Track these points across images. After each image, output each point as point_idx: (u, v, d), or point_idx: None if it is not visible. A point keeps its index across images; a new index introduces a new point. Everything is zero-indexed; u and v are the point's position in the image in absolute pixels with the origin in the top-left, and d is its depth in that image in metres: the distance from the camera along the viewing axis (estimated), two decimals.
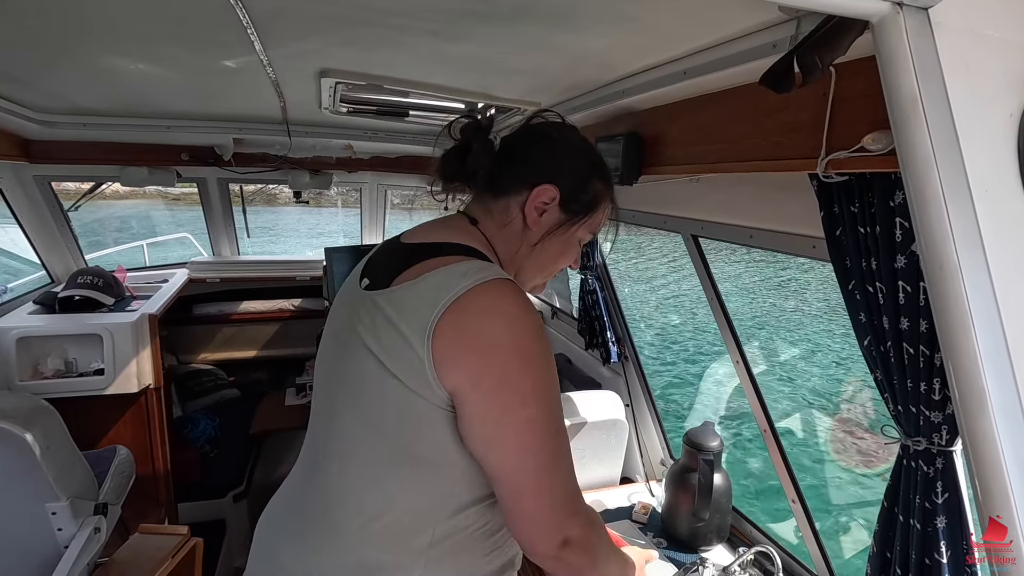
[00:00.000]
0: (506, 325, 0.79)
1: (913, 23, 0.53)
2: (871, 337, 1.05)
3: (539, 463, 0.80)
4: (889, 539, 1.08)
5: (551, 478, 0.81)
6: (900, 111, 0.54)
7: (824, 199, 1.09)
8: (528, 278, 1.02)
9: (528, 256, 0.98)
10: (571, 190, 0.95)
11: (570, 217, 0.96)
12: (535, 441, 0.79)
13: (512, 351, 0.79)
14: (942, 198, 0.50)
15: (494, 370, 0.78)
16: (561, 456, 0.83)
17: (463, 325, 0.78)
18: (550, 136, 1.00)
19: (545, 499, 0.80)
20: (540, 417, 0.79)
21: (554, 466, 0.81)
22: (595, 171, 0.99)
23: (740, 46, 1.09)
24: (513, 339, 0.79)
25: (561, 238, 0.97)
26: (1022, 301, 0.52)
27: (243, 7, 1.08)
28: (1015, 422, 0.48)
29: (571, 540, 0.81)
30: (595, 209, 0.99)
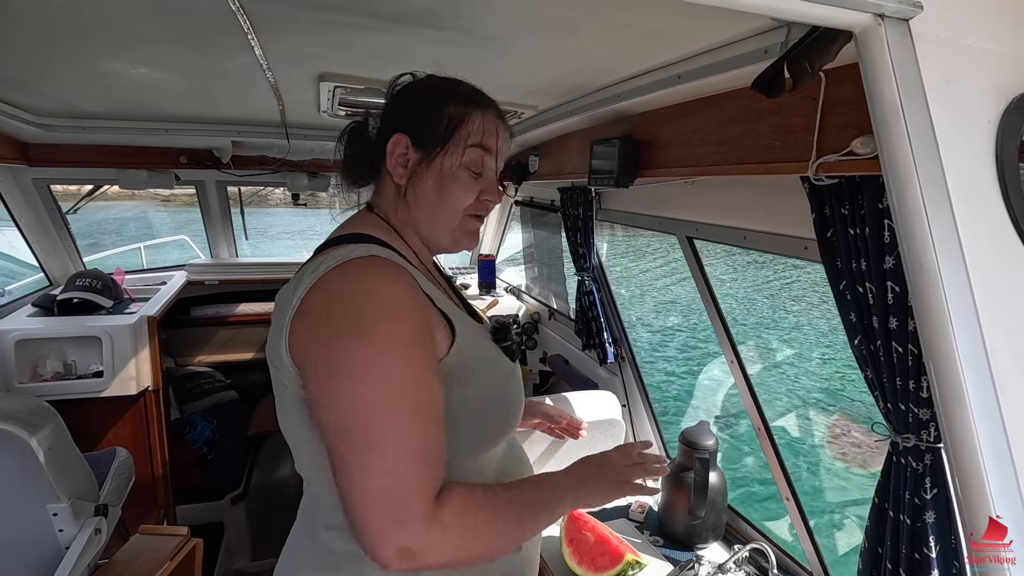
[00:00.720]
0: (339, 303, 0.76)
1: (894, 34, 0.55)
2: (861, 336, 1.07)
3: (353, 446, 0.71)
4: (880, 534, 1.11)
5: (366, 465, 0.70)
6: (882, 118, 0.56)
7: (815, 201, 1.11)
8: (430, 235, 0.97)
9: (411, 211, 0.95)
10: (418, 127, 0.93)
11: (428, 151, 0.92)
12: (350, 418, 0.72)
13: (338, 325, 0.75)
14: (922, 202, 0.52)
15: (320, 347, 0.75)
16: (384, 442, 0.71)
17: (307, 309, 0.77)
18: (397, 94, 1.01)
19: (362, 495, 0.70)
20: (359, 396, 0.72)
21: (371, 452, 0.70)
22: (443, 98, 0.95)
23: (733, 51, 1.11)
24: (341, 313, 0.75)
25: (431, 175, 0.92)
26: (1000, 302, 0.54)
27: (244, 12, 1.10)
28: (992, 418, 0.50)
29: (413, 551, 0.70)
30: (457, 132, 0.93)
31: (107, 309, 2.67)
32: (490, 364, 0.93)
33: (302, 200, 3.43)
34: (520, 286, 3.68)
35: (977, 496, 0.48)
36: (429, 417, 0.76)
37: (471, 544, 0.76)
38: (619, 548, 1.52)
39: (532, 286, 3.70)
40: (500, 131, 0.97)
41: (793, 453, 6.70)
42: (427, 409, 0.76)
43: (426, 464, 0.74)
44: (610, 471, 0.96)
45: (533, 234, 3.61)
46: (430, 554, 0.71)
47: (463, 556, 0.76)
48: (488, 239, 3.84)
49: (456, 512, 0.74)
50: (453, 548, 0.73)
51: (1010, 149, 0.58)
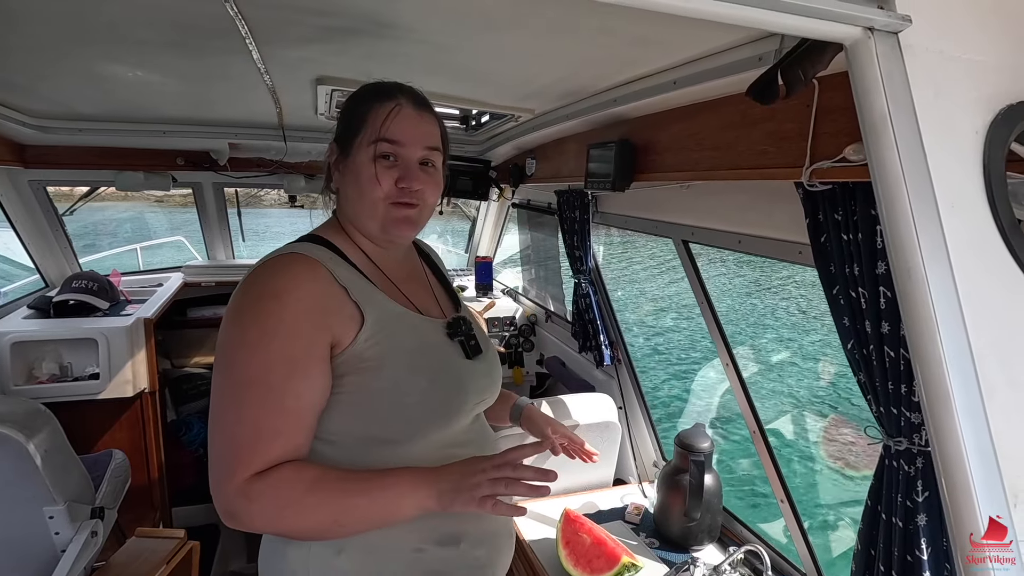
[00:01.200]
0: (239, 293, 0.88)
1: (883, 47, 0.56)
2: (854, 340, 1.08)
3: (212, 418, 0.85)
4: (873, 537, 1.11)
5: (214, 432, 0.85)
6: (871, 128, 0.57)
7: (809, 207, 1.13)
8: (361, 225, 1.02)
9: (346, 205, 1.03)
10: (340, 132, 1.03)
11: (344, 150, 1.01)
12: (213, 395, 0.85)
13: (230, 312, 0.87)
14: (909, 210, 0.53)
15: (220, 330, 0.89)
16: (228, 413, 0.84)
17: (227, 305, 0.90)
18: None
19: (209, 459, 0.84)
20: (219, 370, 0.85)
21: (217, 420, 0.84)
22: (358, 99, 1.02)
23: (727, 58, 1.13)
24: (235, 303, 0.87)
25: (347, 170, 1.00)
26: (986, 309, 0.55)
27: (242, 17, 1.11)
28: (978, 421, 0.51)
29: (231, 512, 0.82)
30: (362, 127, 0.99)
31: (103, 311, 2.66)
32: (412, 357, 0.95)
33: (299, 202, 3.43)
34: (517, 288, 3.69)
35: (963, 498, 0.49)
36: (272, 404, 0.84)
37: (277, 521, 0.84)
38: (615, 550, 1.53)
39: (529, 288, 3.71)
40: (405, 117, 0.99)
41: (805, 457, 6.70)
42: (272, 397, 0.84)
43: (255, 444, 0.82)
44: (470, 481, 0.85)
45: (530, 236, 3.62)
46: (241, 518, 0.82)
47: (271, 528, 0.88)
48: (485, 241, 3.85)
49: (265, 490, 0.82)
50: (259, 518, 0.83)
51: (997, 158, 0.59)
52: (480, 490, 0.83)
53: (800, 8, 0.55)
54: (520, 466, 0.85)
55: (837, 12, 0.55)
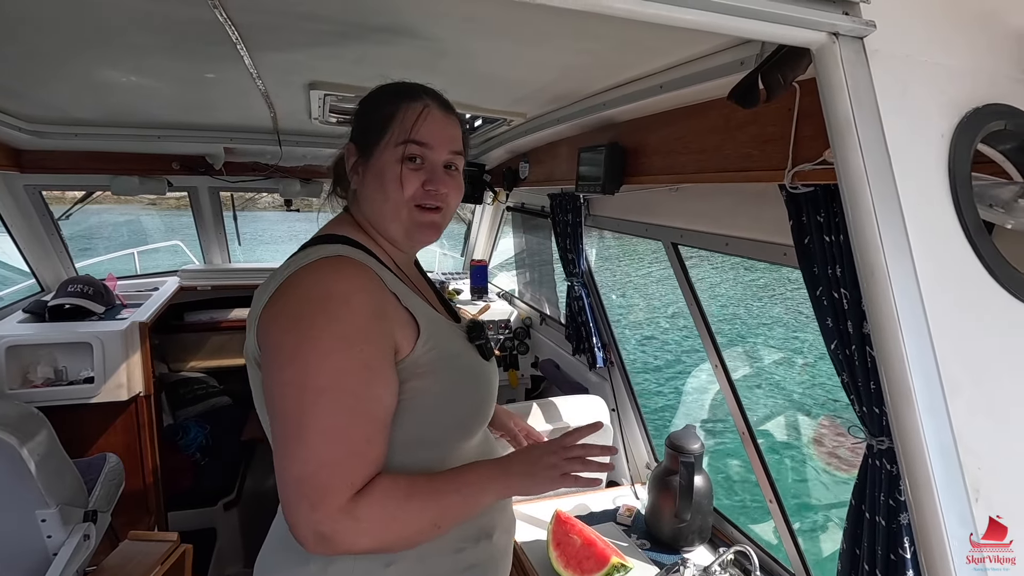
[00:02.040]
0: (297, 297, 0.82)
1: (848, 52, 0.57)
2: (837, 341, 1.09)
3: (280, 428, 0.77)
4: (857, 536, 1.12)
5: (293, 451, 0.75)
6: (837, 132, 0.58)
7: (793, 209, 1.14)
8: (383, 229, 0.99)
9: (367, 208, 0.99)
10: (360, 132, 1.00)
11: (365, 151, 0.97)
12: (284, 404, 0.77)
13: (292, 319, 0.81)
14: (873, 212, 0.55)
15: (272, 334, 0.82)
16: (312, 429, 0.76)
17: (271, 307, 0.83)
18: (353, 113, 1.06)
19: (287, 476, 0.75)
20: (296, 381, 0.77)
21: (300, 438, 0.75)
22: (380, 99, 1.00)
23: (711, 63, 1.14)
24: (298, 309, 0.81)
25: (370, 172, 0.97)
26: (950, 307, 0.56)
27: (232, 23, 1.12)
28: (940, 418, 0.52)
29: (325, 536, 0.73)
30: (388, 126, 0.95)
31: (99, 315, 2.67)
32: (458, 361, 0.96)
33: (294, 205, 3.44)
34: (512, 291, 3.70)
35: (924, 493, 0.50)
36: (359, 415, 0.79)
37: (385, 533, 0.79)
38: (605, 551, 1.53)
39: (524, 291, 3.72)
40: (434, 120, 0.97)
41: None
42: (358, 408, 0.79)
43: (350, 459, 0.77)
44: (544, 462, 0.92)
45: (525, 240, 3.63)
46: (343, 542, 0.75)
47: (378, 546, 0.79)
48: (480, 244, 3.86)
49: (372, 506, 0.77)
50: (365, 537, 0.77)
51: (962, 160, 0.60)
52: (558, 469, 0.90)
53: (767, 15, 0.56)
54: (586, 445, 0.94)
55: (803, 18, 0.56)
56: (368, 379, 0.80)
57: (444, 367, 0.92)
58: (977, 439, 0.53)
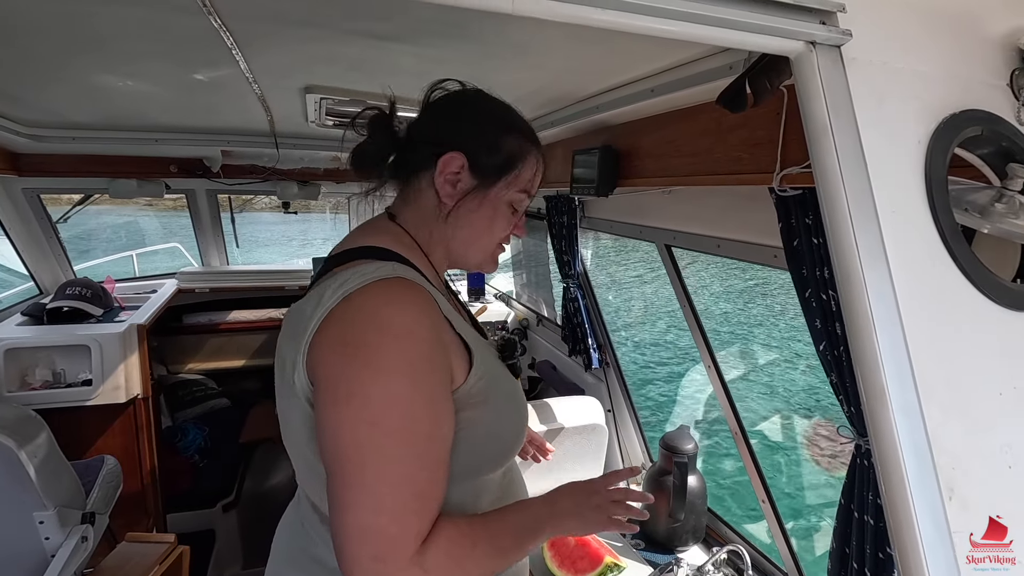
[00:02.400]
0: (359, 324, 0.73)
1: (825, 60, 0.59)
2: (826, 342, 1.10)
3: (343, 473, 0.69)
4: (847, 535, 1.14)
5: (358, 499, 0.68)
6: (814, 138, 0.59)
7: (782, 211, 1.15)
8: (461, 255, 0.96)
9: (449, 231, 0.92)
10: (479, 152, 0.89)
11: (485, 180, 0.90)
12: (345, 446, 0.70)
13: (355, 349, 0.72)
14: (848, 217, 0.56)
15: (332, 362, 0.73)
16: (381, 475, 0.69)
17: (328, 329, 0.75)
18: (450, 103, 0.95)
19: (347, 525, 0.68)
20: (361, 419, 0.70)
21: (366, 485, 0.68)
22: (507, 128, 0.92)
23: (700, 67, 1.16)
24: (361, 337, 0.72)
25: (483, 204, 0.91)
26: (925, 309, 0.58)
27: (226, 29, 1.13)
28: (914, 419, 0.53)
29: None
30: (515, 167, 0.91)
31: (97, 317, 2.68)
32: (502, 386, 0.91)
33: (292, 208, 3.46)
34: (510, 293, 3.72)
35: (898, 492, 0.52)
36: (427, 457, 0.74)
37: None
38: (599, 551, 1.54)
39: (521, 292, 3.73)
40: (542, 172, 0.98)
41: None
42: (426, 449, 0.74)
43: (418, 505, 0.72)
44: (591, 503, 0.92)
45: (521, 241, 3.65)
46: None
47: None
48: None
49: (439, 555, 0.72)
50: None
51: (939, 166, 0.61)
52: (604, 511, 0.91)
53: (746, 25, 0.57)
54: (627, 489, 0.96)
55: (781, 28, 0.57)
56: (433, 417, 0.75)
57: (493, 394, 0.86)
58: (951, 439, 0.54)
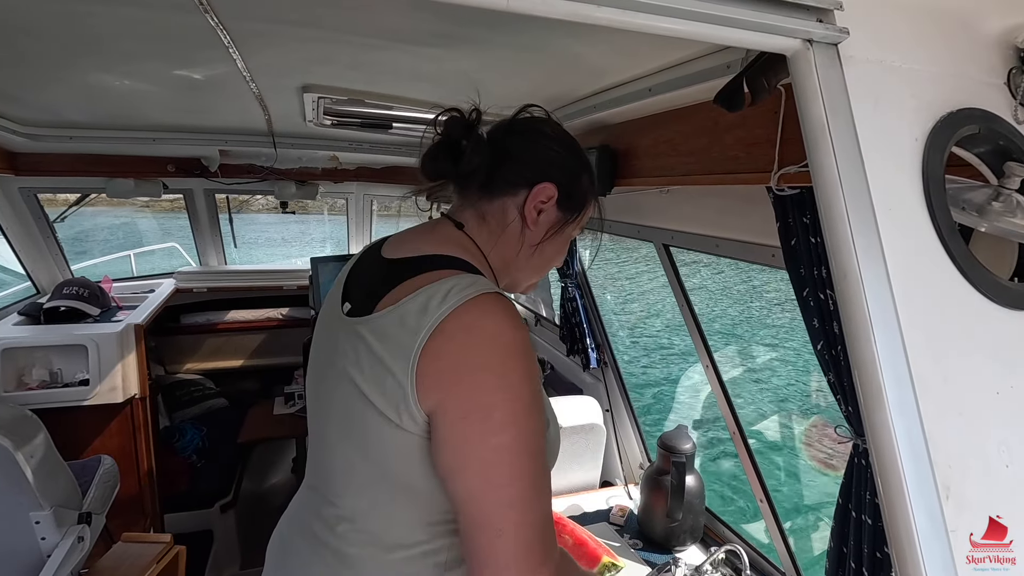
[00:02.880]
0: (484, 345, 0.73)
1: (822, 58, 0.59)
2: (823, 342, 1.10)
3: (503, 498, 0.71)
4: (844, 535, 1.13)
5: (517, 517, 0.71)
6: (811, 137, 0.59)
7: (779, 210, 1.15)
8: (523, 279, 1.00)
9: (527, 257, 0.94)
10: (567, 187, 0.92)
11: (567, 215, 0.93)
12: (501, 472, 0.72)
13: (487, 373, 0.73)
14: (846, 216, 0.56)
15: (465, 392, 0.73)
16: (533, 493, 0.73)
17: (442, 348, 0.73)
18: (542, 132, 0.97)
19: (507, 542, 0.71)
20: (512, 447, 0.72)
21: (523, 504, 0.72)
22: (585, 168, 0.97)
23: (698, 66, 1.15)
24: (490, 360, 0.73)
25: (559, 237, 0.95)
26: (922, 308, 0.57)
27: (224, 28, 1.13)
28: (911, 419, 0.53)
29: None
30: (586, 206, 0.97)
31: (94, 317, 2.68)
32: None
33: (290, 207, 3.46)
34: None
35: (895, 492, 0.51)
36: (548, 466, 0.78)
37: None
38: (596, 551, 1.54)
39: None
40: None
41: None
42: (546, 457, 0.78)
43: (551, 519, 0.77)
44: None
45: None
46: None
47: None
48: None
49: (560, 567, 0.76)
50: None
51: (936, 164, 0.61)
52: None
53: (743, 23, 0.57)
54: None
55: (778, 26, 0.57)
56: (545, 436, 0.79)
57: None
58: (948, 438, 0.54)
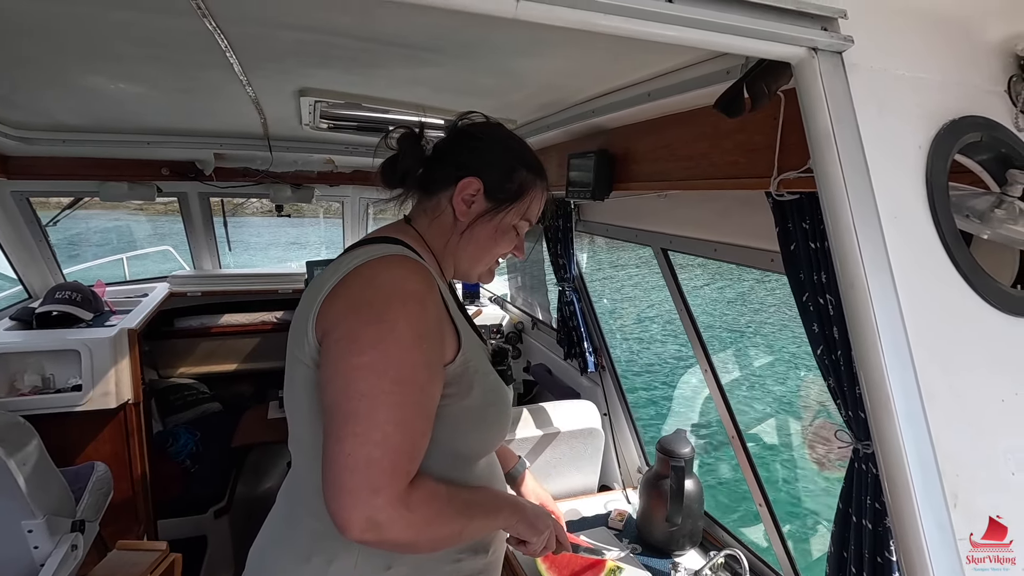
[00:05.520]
0: (372, 288, 0.84)
1: (827, 66, 0.59)
2: (823, 346, 1.11)
3: (350, 410, 0.76)
4: (844, 539, 1.14)
5: (359, 431, 0.75)
6: (816, 144, 0.59)
7: (779, 215, 1.15)
8: (468, 267, 1.07)
9: (460, 245, 1.03)
10: (495, 180, 1.01)
11: (496, 205, 1.02)
12: (357, 386, 0.77)
13: (367, 308, 0.82)
14: (852, 224, 0.56)
15: (345, 321, 0.82)
16: (383, 416, 0.77)
17: (339, 293, 0.85)
18: (473, 134, 1.07)
19: (346, 456, 0.74)
20: (371, 367, 0.78)
21: (369, 421, 0.76)
22: (520, 162, 1.05)
23: (697, 71, 1.16)
24: (374, 299, 0.83)
25: (490, 225, 1.03)
26: (928, 316, 0.58)
27: (221, 32, 1.12)
28: (918, 425, 0.53)
29: (379, 523, 0.74)
30: (523, 196, 1.04)
31: (87, 322, 2.65)
32: (487, 380, 0.99)
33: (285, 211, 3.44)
34: (505, 296, 3.71)
35: (903, 500, 0.51)
36: (419, 407, 0.82)
37: (426, 531, 0.82)
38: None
39: (516, 296, 3.73)
40: (543, 203, 1.10)
41: None
42: (419, 399, 0.82)
43: (410, 449, 0.80)
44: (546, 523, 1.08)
45: None
46: (391, 530, 0.76)
47: (417, 540, 0.82)
48: None
49: (422, 500, 0.80)
50: (411, 530, 0.78)
51: (940, 172, 0.62)
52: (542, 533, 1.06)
53: (748, 31, 0.57)
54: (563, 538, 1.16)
55: (782, 34, 0.57)
56: (430, 377, 0.84)
57: (476, 382, 0.95)
58: (955, 446, 0.54)
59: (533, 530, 1.04)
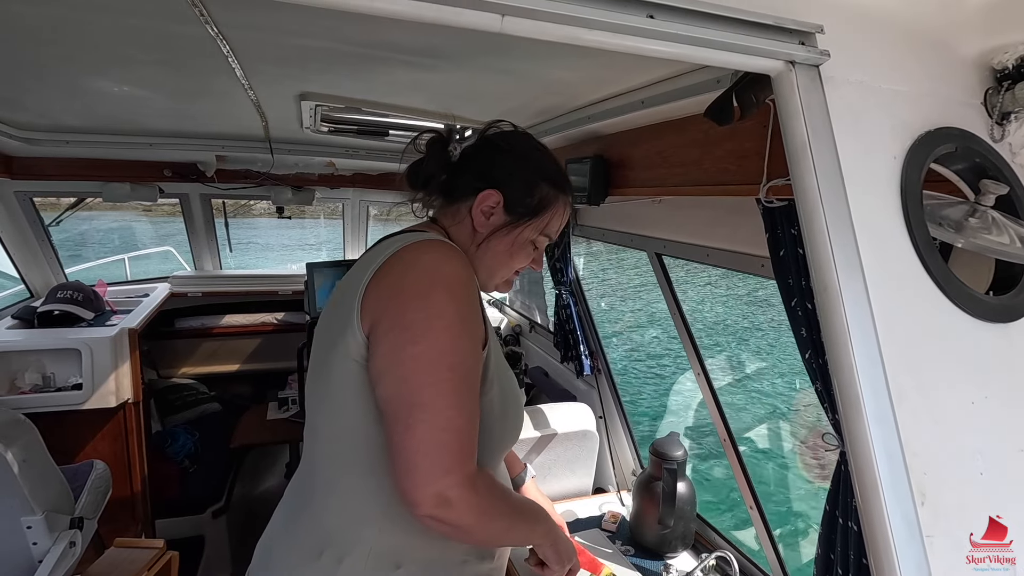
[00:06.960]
0: (416, 273, 0.85)
1: (804, 79, 0.61)
2: (811, 351, 1.12)
3: (414, 399, 0.78)
4: (831, 541, 1.15)
5: (427, 417, 0.78)
6: (793, 155, 0.61)
7: (768, 222, 1.17)
8: (484, 277, 1.06)
9: (477, 255, 1.03)
10: (515, 194, 1.01)
11: (515, 219, 1.01)
12: (417, 376, 0.79)
13: (413, 295, 0.83)
14: (826, 231, 0.58)
15: (393, 310, 0.83)
16: (444, 402, 0.79)
17: (383, 280, 0.86)
18: (498, 145, 1.06)
19: (415, 438, 0.77)
20: (426, 356, 0.80)
21: (433, 407, 0.78)
22: (542, 177, 1.04)
23: (689, 80, 1.18)
24: (418, 285, 0.84)
25: (507, 238, 1.02)
26: (899, 321, 0.60)
27: (223, 37, 1.15)
28: (887, 425, 0.55)
29: (449, 500, 0.77)
30: (543, 212, 1.03)
31: (88, 321, 2.67)
32: (507, 377, 1.00)
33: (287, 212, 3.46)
34: (503, 299, 3.73)
35: (871, 497, 0.53)
36: (472, 391, 0.84)
37: (484, 518, 0.83)
38: (594, 559, 1.55)
39: (514, 299, 3.75)
40: (565, 218, 1.09)
41: None
42: (472, 383, 0.84)
43: (471, 430, 0.81)
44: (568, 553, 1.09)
45: None
46: (458, 508, 0.77)
47: (475, 525, 0.82)
48: None
49: (487, 486, 0.82)
50: (473, 513, 0.79)
51: (914, 181, 0.64)
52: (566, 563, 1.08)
53: (729, 45, 0.59)
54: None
55: (761, 48, 0.59)
56: (476, 364, 0.86)
57: (500, 376, 0.97)
58: (923, 446, 0.56)
59: (558, 558, 1.06)
